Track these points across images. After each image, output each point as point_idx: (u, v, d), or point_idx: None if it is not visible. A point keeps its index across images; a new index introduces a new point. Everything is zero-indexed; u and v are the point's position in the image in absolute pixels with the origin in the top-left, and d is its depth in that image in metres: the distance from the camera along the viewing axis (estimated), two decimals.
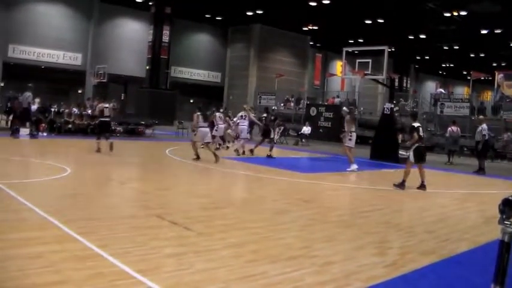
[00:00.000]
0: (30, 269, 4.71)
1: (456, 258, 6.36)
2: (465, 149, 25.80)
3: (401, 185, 12.35)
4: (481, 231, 8.12)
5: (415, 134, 12.33)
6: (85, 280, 4.53)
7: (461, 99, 32.02)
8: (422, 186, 12.35)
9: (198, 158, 15.52)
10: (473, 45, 46.11)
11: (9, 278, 4.45)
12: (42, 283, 4.40)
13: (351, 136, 16.17)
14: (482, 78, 37.76)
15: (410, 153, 12.45)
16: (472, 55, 51.68)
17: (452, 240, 7.34)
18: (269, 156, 18.24)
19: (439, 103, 30.85)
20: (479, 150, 18.50)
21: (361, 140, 31.76)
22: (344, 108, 18.19)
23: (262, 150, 18.70)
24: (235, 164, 15.92)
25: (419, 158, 12.38)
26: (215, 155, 15.15)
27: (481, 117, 20.77)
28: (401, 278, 5.34)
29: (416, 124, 12.59)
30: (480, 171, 18.12)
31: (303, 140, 28.72)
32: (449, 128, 22.71)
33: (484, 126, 18.46)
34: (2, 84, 38.04)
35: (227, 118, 20.79)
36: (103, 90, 41.46)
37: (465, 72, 57.58)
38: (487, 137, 18.54)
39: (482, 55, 50.96)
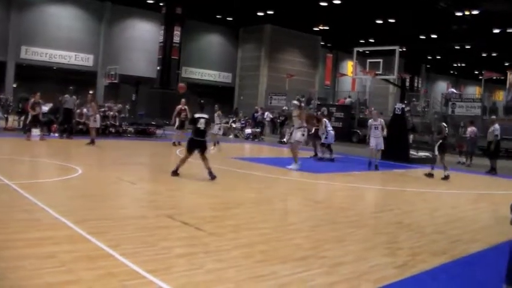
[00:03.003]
0: (43, 268, 4.76)
1: (467, 258, 6.34)
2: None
3: None
4: (493, 231, 8.09)
5: None
6: (96, 280, 4.57)
7: (473, 99, 31.80)
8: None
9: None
10: (485, 44, 45.84)
11: (22, 277, 4.50)
12: (54, 282, 4.44)
13: (303, 131, 15.20)
14: (494, 77, 37.57)
15: None
16: (484, 54, 51.42)
17: (463, 240, 7.31)
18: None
19: (450, 103, 30.68)
20: (492, 151, 18.40)
21: None
22: (294, 101, 16.85)
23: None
24: (245, 164, 15.92)
25: None
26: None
27: (493, 117, 20.61)
28: (412, 278, 5.33)
29: None
30: (492, 171, 18.02)
31: None
32: (470, 129, 21.52)
33: (496, 126, 18.34)
34: (15, 86, 38.36)
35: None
36: (114, 90, 41.69)
37: (477, 72, 57.28)
38: (499, 138, 18.41)
39: (494, 54, 50.68)
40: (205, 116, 11.86)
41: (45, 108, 22.60)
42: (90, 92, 29.43)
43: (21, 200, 7.85)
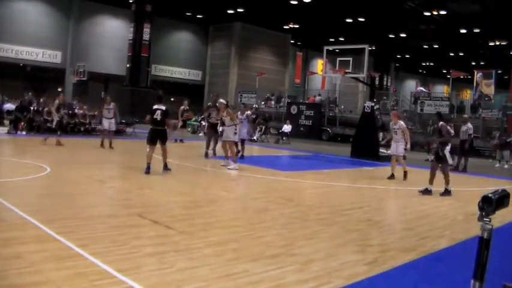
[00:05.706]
0: (10, 269, 4.67)
1: (436, 254, 6.42)
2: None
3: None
4: (461, 228, 8.21)
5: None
6: (65, 280, 4.49)
7: (441, 97, 32.36)
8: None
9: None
10: (452, 44, 46.60)
11: None
12: (21, 284, 4.35)
13: (236, 129, 14.56)
14: (462, 76, 38.27)
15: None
16: (451, 54, 52.23)
17: (432, 237, 7.40)
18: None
19: (419, 101, 31.13)
20: (466, 149, 18.49)
21: (342, 138, 32.07)
22: (221, 100, 16.08)
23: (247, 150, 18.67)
24: (216, 162, 15.88)
25: None
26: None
27: (465, 116, 20.92)
28: (382, 275, 5.38)
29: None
30: (463, 169, 18.17)
31: (284, 138, 28.78)
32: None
33: (469, 125, 18.55)
34: None
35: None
36: (83, 88, 41.12)
37: (445, 71, 58.13)
38: (472, 136, 18.70)
39: (461, 54, 51.53)
40: (162, 107, 12.28)
41: (12, 106, 22.25)
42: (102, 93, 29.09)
43: None
